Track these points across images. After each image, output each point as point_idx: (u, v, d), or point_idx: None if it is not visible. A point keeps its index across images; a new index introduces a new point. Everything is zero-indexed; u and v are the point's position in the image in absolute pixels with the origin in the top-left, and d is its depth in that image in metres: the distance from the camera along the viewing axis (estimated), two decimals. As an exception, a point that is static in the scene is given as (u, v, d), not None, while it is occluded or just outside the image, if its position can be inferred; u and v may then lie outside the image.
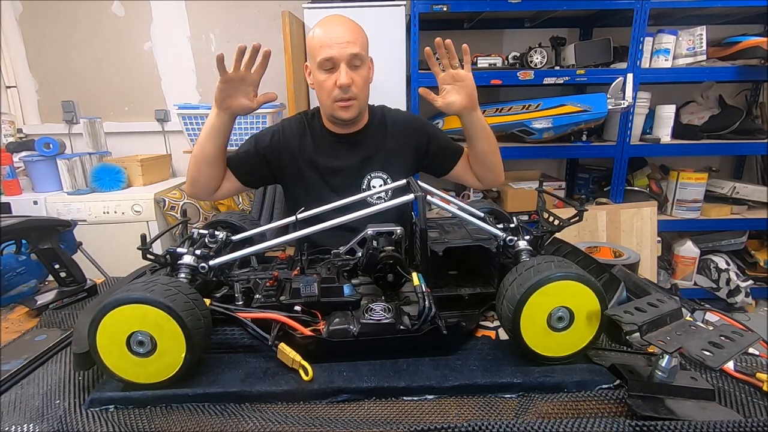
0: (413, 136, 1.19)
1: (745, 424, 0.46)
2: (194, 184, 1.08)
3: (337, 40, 1.00)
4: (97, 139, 2.11)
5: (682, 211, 2.21)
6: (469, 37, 2.35)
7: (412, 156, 1.19)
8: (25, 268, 0.92)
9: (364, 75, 1.06)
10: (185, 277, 0.65)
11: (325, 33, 1.02)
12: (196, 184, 1.08)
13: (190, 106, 2.00)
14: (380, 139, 1.16)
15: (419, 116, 1.29)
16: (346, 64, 1.00)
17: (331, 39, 1.00)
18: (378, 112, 1.19)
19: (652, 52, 2.04)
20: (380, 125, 1.17)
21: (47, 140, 1.92)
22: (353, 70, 1.02)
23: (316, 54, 1.03)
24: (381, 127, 1.17)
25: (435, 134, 1.22)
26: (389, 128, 1.17)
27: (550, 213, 0.79)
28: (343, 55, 1.00)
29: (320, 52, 1.01)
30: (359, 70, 1.04)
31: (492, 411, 0.51)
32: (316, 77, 1.06)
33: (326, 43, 1.00)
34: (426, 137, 1.20)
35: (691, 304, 0.75)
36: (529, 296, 0.55)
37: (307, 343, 0.59)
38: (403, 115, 1.23)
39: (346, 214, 0.69)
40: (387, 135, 1.17)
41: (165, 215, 1.94)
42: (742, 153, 2.46)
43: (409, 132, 1.18)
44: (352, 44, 1.00)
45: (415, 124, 1.21)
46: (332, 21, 1.05)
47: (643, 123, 2.19)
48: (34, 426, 0.50)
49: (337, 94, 1.02)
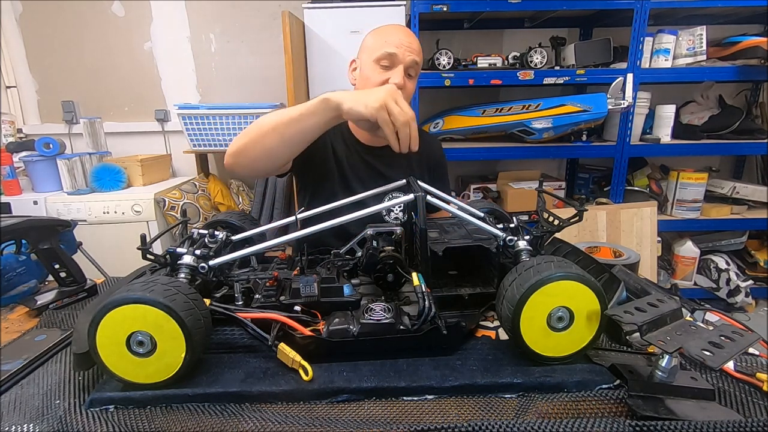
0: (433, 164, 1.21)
1: (745, 424, 0.46)
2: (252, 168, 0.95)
3: (404, 42, 0.99)
4: (97, 139, 2.11)
5: (682, 211, 2.21)
6: (469, 37, 2.35)
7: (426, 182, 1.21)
8: (25, 268, 0.92)
9: (413, 87, 1.05)
10: (185, 277, 0.65)
11: (393, 32, 1.01)
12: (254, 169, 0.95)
13: (190, 106, 2.00)
14: (403, 159, 1.12)
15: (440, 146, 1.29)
16: (405, 68, 0.99)
17: (398, 40, 0.99)
18: None
19: (652, 52, 2.04)
20: None
21: (47, 140, 1.92)
22: (407, 79, 1.01)
23: (376, 48, 1.00)
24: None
25: (444, 170, 1.26)
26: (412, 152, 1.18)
27: (550, 213, 0.79)
28: (405, 58, 0.99)
29: (383, 46, 0.98)
30: (412, 80, 1.03)
31: (492, 411, 0.51)
32: (365, 72, 1.02)
33: (392, 42, 0.99)
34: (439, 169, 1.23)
35: (691, 304, 0.75)
36: (529, 296, 0.55)
37: (307, 343, 0.59)
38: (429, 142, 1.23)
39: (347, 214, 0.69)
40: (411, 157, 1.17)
41: (165, 215, 1.94)
42: (742, 153, 2.46)
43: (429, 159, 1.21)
44: (415, 53, 1.00)
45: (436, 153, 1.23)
46: (402, 27, 1.04)
47: (643, 123, 2.19)
48: (34, 426, 0.50)
49: None
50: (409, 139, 0.79)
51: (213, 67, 2.37)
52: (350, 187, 1.10)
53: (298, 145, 0.89)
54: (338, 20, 1.88)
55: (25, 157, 1.97)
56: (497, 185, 2.30)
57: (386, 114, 0.77)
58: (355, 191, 1.08)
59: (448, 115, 2.18)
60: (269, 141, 0.87)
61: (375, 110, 0.77)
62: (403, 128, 0.78)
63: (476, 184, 2.34)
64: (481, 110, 2.11)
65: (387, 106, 0.77)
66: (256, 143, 0.89)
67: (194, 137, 2.02)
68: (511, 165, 2.51)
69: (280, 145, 0.87)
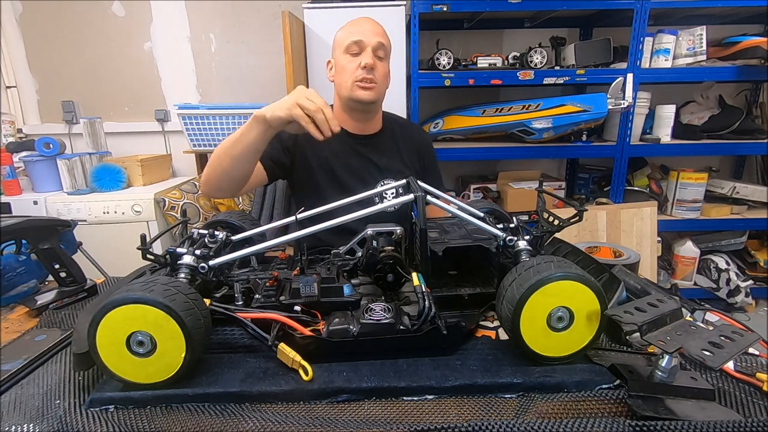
0: (422, 151, 1.26)
1: (745, 424, 0.46)
2: (220, 189, 1.04)
3: (367, 28, 1.08)
4: (97, 139, 2.11)
5: (682, 211, 2.21)
6: (469, 37, 2.35)
7: (418, 170, 1.24)
8: (25, 268, 0.92)
9: (386, 68, 1.12)
10: (185, 277, 0.65)
11: (356, 23, 1.10)
12: (222, 190, 1.04)
13: (190, 106, 2.00)
14: (394, 147, 1.20)
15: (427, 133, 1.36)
16: (372, 50, 1.06)
17: (362, 27, 1.08)
18: (389, 121, 1.24)
19: (652, 52, 2.04)
20: (393, 134, 1.22)
21: (47, 140, 1.92)
22: (377, 60, 1.08)
23: (344, 40, 1.08)
24: (393, 136, 1.22)
25: (434, 157, 1.30)
26: (400, 139, 1.23)
27: (550, 213, 0.79)
28: (371, 41, 1.06)
29: (349, 36, 1.07)
30: (382, 61, 1.10)
31: (492, 411, 0.51)
32: (339, 63, 1.10)
33: (356, 30, 1.07)
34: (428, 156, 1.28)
35: (691, 304, 0.75)
36: (529, 296, 0.55)
37: (307, 343, 0.59)
38: (416, 129, 1.31)
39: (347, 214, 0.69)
40: (399, 144, 1.21)
41: (165, 215, 1.94)
42: (742, 153, 2.46)
43: (419, 146, 1.25)
44: (380, 35, 1.08)
45: (424, 140, 1.29)
46: (363, 18, 1.13)
47: (643, 123, 2.19)
48: (34, 426, 0.50)
49: (359, 73, 1.06)
50: (327, 123, 0.86)
51: (213, 67, 2.37)
52: (339, 181, 1.14)
53: (247, 160, 0.97)
54: (338, 20, 1.85)
55: (25, 157, 1.97)
56: (497, 185, 2.30)
57: (299, 110, 0.86)
58: (345, 183, 1.11)
59: (448, 115, 2.18)
60: (225, 164, 0.97)
61: (289, 109, 0.87)
62: (317, 115, 0.86)
63: (476, 184, 2.34)
64: (481, 110, 2.11)
65: (298, 102, 0.86)
66: (216, 168, 0.99)
67: (194, 137, 2.02)
68: (511, 165, 2.51)
69: (233, 164, 0.97)
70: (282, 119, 0.88)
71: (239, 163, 0.97)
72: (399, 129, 1.23)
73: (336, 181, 1.14)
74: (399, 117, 1.30)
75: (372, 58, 1.06)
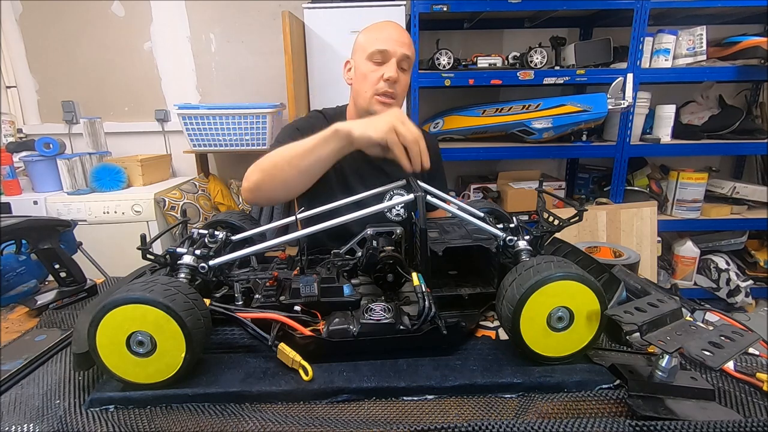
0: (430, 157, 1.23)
1: (745, 424, 0.46)
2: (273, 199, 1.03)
3: (394, 37, 1.02)
4: (97, 139, 2.11)
5: (682, 211, 2.21)
6: (469, 37, 2.35)
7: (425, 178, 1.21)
8: (25, 268, 0.92)
9: (408, 81, 1.08)
10: (185, 277, 0.65)
11: (383, 30, 1.05)
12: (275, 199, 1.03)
13: (190, 106, 2.00)
14: None
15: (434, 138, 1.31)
16: (397, 62, 1.02)
17: (388, 35, 1.03)
18: None
19: (652, 52, 2.04)
20: None
21: (47, 140, 1.92)
22: (400, 72, 1.04)
23: (368, 46, 1.03)
24: None
25: (440, 164, 1.27)
26: None
27: (550, 213, 0.79)
28: (397, 52, 1.02)
29: (374, 43, 1.02)
30: (405, 73, 1.06)
31: (492, 411, 0.51)
32: (360, 69, 1.05)
33: (382, 37, 1.02)
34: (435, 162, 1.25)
35: (691, 304, 0.75)
36: (529, 296, 0.55)
37: (307, 343, 0.59)
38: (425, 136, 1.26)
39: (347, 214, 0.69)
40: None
41: (165, 215, 1.94)
42: (742, 153, 2.46)
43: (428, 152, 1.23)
44: (406, 46, 1.03)
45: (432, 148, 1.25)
46: (390, 23, 1.07)
47: (643, 123, 2.19)
48: (34, 426, 0.50)
49: (381, 86, 1.02)
50: (420, 156, 0.81)
51: (213, 67, 2.37)
52: (348, 185, 1.11)
53: (315, 174, 0.91)
54: (338, 20, 1.88)
55: (25, 157, 1.97)
56: (497, 185, 2.30)
57: (395, 135, 0.80)
58: (353, 188, 1.09)
59: (448, 115, 2.18)
60: (286, 174, 0.90)
61: (384, 133, 0.80)
62: (413, 146, 0.80)
63: (476, 184, 2.34)
64: (481, 110, 2.11)
65: (395, 128, 0.80)
66: (274, 177, 0.91)
67: (194, 137, 2.02)
68: (511, 165, 2.51)
69: (297, 177, 0.90)
70: (372, 140, 0.81)
71: (305, 177, 0.91)
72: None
73: (347, 186, 1.11)
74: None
75: (396, 71, 1.01)
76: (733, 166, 2.59)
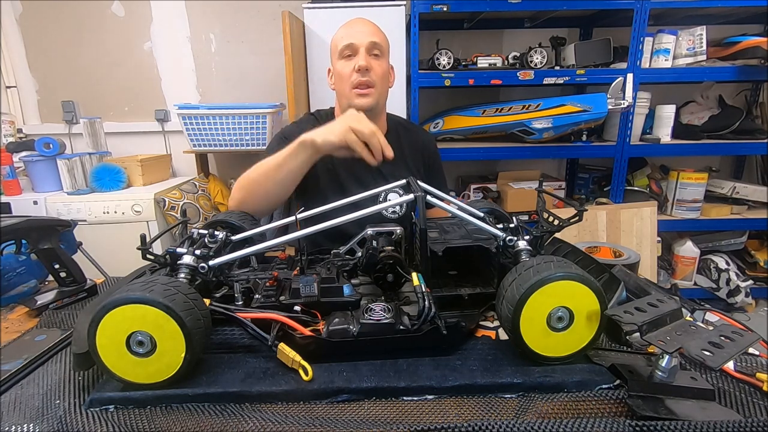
0: (426, 155, 1.23)
1: (745, 424, 0.46)
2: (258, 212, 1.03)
3: (359, 29, 1.06)
4: (97, 139, 2.11)
5: (682, 211, 2.21)
6: (469, 37, 2.36)
7: (422, 175, 1.22)
8: (25, 268, 0.92)
9: (384, 66, 1.08)
10: (185, 277, 0.65)
11: (348, 26, 1.08)
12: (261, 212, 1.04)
13: (190, 106, 2.00)
14: (398, 153, 1.15)
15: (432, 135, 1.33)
16: (366, 51, 1.04)
17: (352, 29, 1.06)
18: (394, 124, 1.22)
19: (652, 52, 2.04)
20: (398, 138, 1.19)
21: (47, 140, 1.92)
22: (373, 59, 1.05)
23: (337, 44, 1.06)
24: (398, 140, 1.18)
25: (438, 161, 1.28)
26: (405, 145, 1.20)
27: (550, 213, 0.79)
28: (363, 42, 1.04)
29: (342, 41, 1.05)
30: (379, 59, 1.06)
31: (492, 411, 0.51)
32: (336, 70, 1.08)
33: (348, 33, 1.06)
34: (432, 159, 1.25)
35: (691, 304, 0.75)
36: (529, 296, 0.55)
37: (306, 343, 0.59)
38: (421, 132, 1.27)
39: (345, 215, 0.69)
40: (404, 150, 1.19)
41: (165, 215, 1.94)
42: (742, 153, 2.46)
43: (423, 151, 1.23)
44: (372, 34, 1.05)
45: (429, 144, 1.26)
46: (355, 19, 1.11)
47: (643, 123, 2.19)
48: (34, 426, 0.50)
49: (356, 78, 1.03)
50: (381, 148, 0.85)
51: (213, 67, 2.37)
52: (342, 185, 1.12)
53: (291, 183, 0.98)
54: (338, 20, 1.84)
55: (25, 157, 1.97)
56: (497, 185, 2.30)
57: (353, 135, 0.85)
58: (347, 188, 1.10)
59: (448, 115, 2.18)
60: (265, 188, 0.98)
61: (343, 134, 0.85)
62: (372, 140, 0.85)
63: (476, 184, 2.34)
64: (481, 110, 2.11)
65: (351, 127, 0.85)
66: (255, 192, 0.99)
67: (194, 137, 2.02)
68: (511, 165, 2.51)
69: (275, 187, 0.98)
70: (334, 144, 0.87)
71: (282, 188, 0.98)
72: (404, 133, 1.21)
73: (340, 188, 1.12)
74: (403, 120, 1.28)
75: (366, 59, 1.03)
76: (733, 166, 2.59)
